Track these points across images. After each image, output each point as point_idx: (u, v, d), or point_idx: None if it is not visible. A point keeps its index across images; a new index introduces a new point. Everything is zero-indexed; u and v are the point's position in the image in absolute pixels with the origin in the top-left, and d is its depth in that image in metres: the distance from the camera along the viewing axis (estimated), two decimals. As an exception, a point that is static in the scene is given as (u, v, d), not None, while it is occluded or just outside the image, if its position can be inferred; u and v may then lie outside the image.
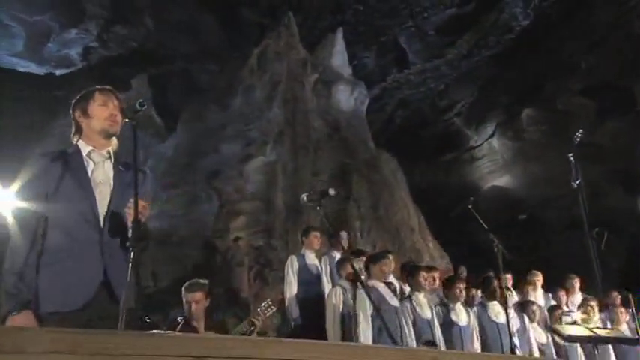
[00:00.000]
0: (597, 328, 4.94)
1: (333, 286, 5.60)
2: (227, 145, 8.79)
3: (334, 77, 10.34)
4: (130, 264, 2.34)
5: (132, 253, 2.66)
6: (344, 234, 6.31)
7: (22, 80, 13.69)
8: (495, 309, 5.86)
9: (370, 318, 4.77)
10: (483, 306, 5.86)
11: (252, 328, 4.71)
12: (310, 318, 5.43)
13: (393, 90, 15.21)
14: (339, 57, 10.69)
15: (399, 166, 9.88)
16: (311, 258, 5.87)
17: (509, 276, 8.27)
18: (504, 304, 5.97)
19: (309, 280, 5.72)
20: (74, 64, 13.53)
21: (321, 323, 5.29)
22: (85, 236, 2.50)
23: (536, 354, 6.04)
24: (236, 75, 9.73)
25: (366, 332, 4.72)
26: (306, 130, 9.06)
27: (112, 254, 2.51)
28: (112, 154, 2.78)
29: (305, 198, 4.01)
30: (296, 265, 5.76)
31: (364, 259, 5.26)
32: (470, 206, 6.13)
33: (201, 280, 4.92)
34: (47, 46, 13.17)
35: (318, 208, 4.08)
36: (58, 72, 13.52)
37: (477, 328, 5.64)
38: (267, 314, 4.85)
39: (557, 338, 5.37)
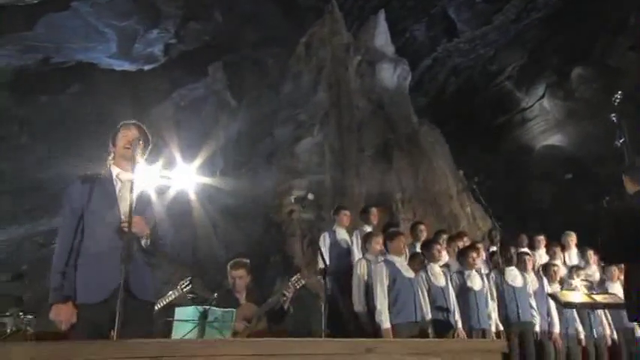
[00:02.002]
0: (595, 294, 4.86)
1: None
2: (280, 129, 9.09)
3: (377, 57, 10.26)
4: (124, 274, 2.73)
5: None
6: (374, 210, 6.45)
7: (118, 77, 14.70)
8: (512, 274, 5.92)
9: (386, 289, 5.00)
10: (501, 271, 5.90)
11: (284, 299, 5.05)
12: (341, 288, 5.70)
13: (445, 59, 14.77)
14: (381, 37, 10.56)
15: (439, 137, 9.76)
16: (341, 234, 6.11)
17: (542, 237, 8.11)
18: (523, 269, 6.00)
19: (340, 254, 5.97)
20: (158, 59, 14.29)
21: (349, 292, 5.56)
22: (109, 242, 2.93)
23: (554, 313, 6.02)
24: (286, 63, 9.93)
25: (382, 302, 4.96)
26: (350, 110, 9.16)
27: (131, 257, 2.91)
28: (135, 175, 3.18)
29: (292, 200, 4.26)
30: (328, 241, 6.02)
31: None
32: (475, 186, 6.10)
33: (244, 260, 5.37)
34: (135, 47, 13.97)
35: (302, 207, 4.32)
36: (146, 68, 14.36)
37: (494, 292, 5.71)
38: (297, 287, 5.17)
39: (556, 305, 5.32)
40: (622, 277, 5.50)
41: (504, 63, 14.52)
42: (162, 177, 11.64)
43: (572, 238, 8.09)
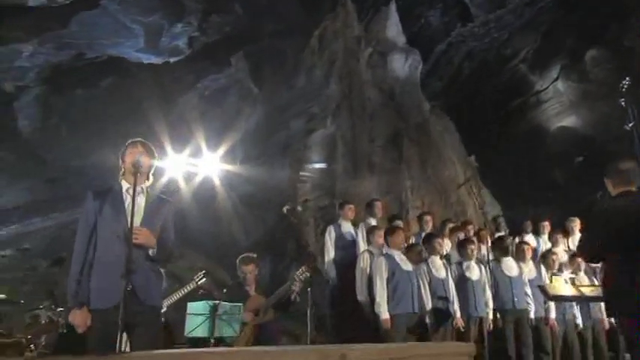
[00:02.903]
0: (583, 286, 4.88)
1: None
2: (294, 121, 9.20)
3: (389, 48, 10.18)
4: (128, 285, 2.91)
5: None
6: (378, 203, 6.55)
7: (146, 69, 15.00)
8: (508, 264, 5.98)
9: (385, 282, 5.14)
10: (498, 261, 5.97)
11: (291, 291, 5.25)
12: (345, 278, 5.86)
13: (459, 44, 14.50)
14: (392, 28, 10.44)
15: (449, 125, 9.70)
16: (346, 227, 6.23)
17: (546, 223, 8.07)
18: (521, 258, 6.05)
19: (345, 246, 6.11)
20: (183, 52, 14.48)
21: (353, 283, 5.72)
22: (118, 251, 3.06)
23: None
24: (302, 54, 9.97)
25: (381, 294, 5.12)
26: (362, 102, 9.18)
27: (138, 265, 3.10)
28: (144, 189, 3.36)
29: (285, 210, 4.42)
30: (333, 234, 6.16)
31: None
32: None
33: (252, 255, 5.59)
34: (161, 41, 14.18)
35: (292, 217, 4.47)
36: (171, 60, 14.59)
37: (490, 282, 5.79)
38: (303, 279, 5.36)
39: (543, 297, 5.37)
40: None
41: (518, 46, 14.18)
42: (189, 164, 11.99)
43: (576, 224, 7.98)
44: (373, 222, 6.30)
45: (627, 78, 6.54)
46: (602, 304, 6.43)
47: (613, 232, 3.48)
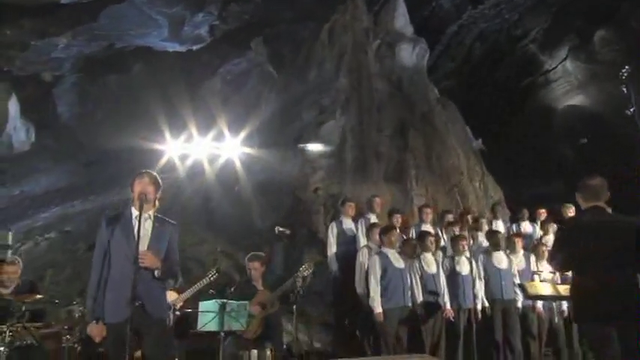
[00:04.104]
0: (561, 284, 4.97)
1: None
2: (306, 113, 9.30)
3: (397, 38, 10.07)
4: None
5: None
6: (377, 199, 6.70)
7: (172, 57, 15.21)
8: (499, 257, 6.12)
9: (379, 278, 5.37)
10: (489, 254, 6.10)
11: (295, 284, 5.51)
12: (345, 271, 6.10)
13: (470, 25, 14.18)
14: (400, 19, 10.29)
15: (454, 114, 9.64)
16: (347, 223, 6.43)
17: (542, 210, 8.08)
18: (512, 250, 6.17)
19: (346, 241, 6.32)
20: (204, 40, 14.61)
21: (353, 276, 5.95)
22: (127, 271, 3.29)
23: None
24: (311, 50, 9.97)
25: (374, 289, 5.35)
26: (370, 94, 9.19)
27: (145, 283, 3.38)
28: (151, 215, 3.59)
29: (277, 231, 4.64)
30: (335, 230, 6.37)
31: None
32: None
33: (259, 253, 5.87)
34: (184, 30, 14.30)
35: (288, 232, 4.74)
36: (194, 48, 14.75)
37: (481, 275, 5.95)
38: (306, 274, 5.60)
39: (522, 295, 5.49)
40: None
41: (529, 27, 13.80)
42: (213, 147, 12.26)
43: (572, 211, 7.95)
44: (372, 217, 6.47)
45: (627, 66, 6.42)
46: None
47: (581, 246, 3.59)
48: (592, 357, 3.67)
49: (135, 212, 3.53)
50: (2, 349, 4.16)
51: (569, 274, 6.30)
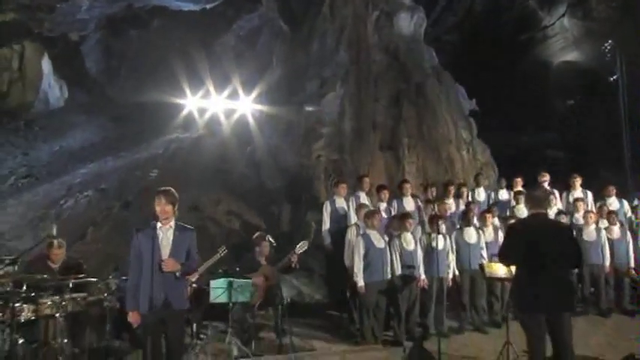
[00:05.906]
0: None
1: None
2: (309, 84, 9.38)
3: (396, 8, 9.79)
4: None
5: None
6: (366, 179, 7.02)
7: (186, 15, 14.97)
8: (469, 232, 6.53)
9: (362, 257, 5.87)
10: (461, 230, 6.53)
11: (292, 261, 6.05)
12: (337, 245, 6.58)
13: (473, -20, 13.55)
14: (401, -13, 9.94)
15: (448, 84, 9.59)
16: (340, 202, 6.82)
17: (518, 179, 8.28)
18: (483, 224, 6.57)
19: (338, 218, 6.74)
20: (216, -1, 14.30)
21: (343, 250, 6.43)
22: (153, 272, 3.92)
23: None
24: (314, 23, 9.79)
25: (358, 266, 5.87)
26: (368, 66, 9.17)
27: (169, 282, 3.95)
28: (172, 225, 4.07)
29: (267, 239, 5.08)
30: (329, 208, 6.78)
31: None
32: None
33: (264, 233, 6.41)
34: (197, -12, 14.00)
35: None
36: (208, 6, 14.47)
37: (454, 249, 6.42)
38: (300, 252, 6.12)
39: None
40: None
41: (530, -18, 13.12)
42: (227, 103, 12.51)
43: (546, 179, 8.16)
44: (362, 195, 6.84)
45: (610, 41, 6.42)
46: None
47: (523, 245, 3.99)
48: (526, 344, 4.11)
49: (158, 224, 4.02)
50: (58, 315, 4.89)
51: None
